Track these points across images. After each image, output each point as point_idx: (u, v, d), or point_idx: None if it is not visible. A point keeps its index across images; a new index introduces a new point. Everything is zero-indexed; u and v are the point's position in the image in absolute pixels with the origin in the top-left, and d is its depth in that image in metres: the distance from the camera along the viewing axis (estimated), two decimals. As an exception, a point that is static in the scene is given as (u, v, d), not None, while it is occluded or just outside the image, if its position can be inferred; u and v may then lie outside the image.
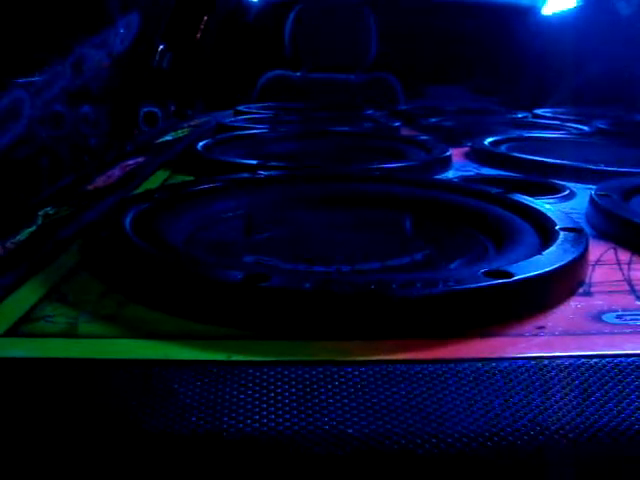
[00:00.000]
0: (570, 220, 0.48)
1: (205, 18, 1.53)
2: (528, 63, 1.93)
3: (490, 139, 0.89)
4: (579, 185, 0.69)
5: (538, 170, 0.73)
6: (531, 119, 1.37)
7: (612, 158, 0.87)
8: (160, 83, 1.20)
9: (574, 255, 0.39)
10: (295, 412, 0.27)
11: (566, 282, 0.38)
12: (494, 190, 0.55)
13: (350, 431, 0.26)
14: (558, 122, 1.26)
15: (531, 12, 1.94)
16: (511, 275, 0.35)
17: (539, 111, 1.48)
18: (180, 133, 1.25)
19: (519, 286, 0.34)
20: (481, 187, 0.57)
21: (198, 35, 1.38)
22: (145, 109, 1.42)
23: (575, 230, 0.45)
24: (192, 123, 1.41)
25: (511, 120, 1.30)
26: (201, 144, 0.84)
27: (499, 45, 1.93)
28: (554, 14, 1.89)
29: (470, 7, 1.94)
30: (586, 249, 0.42)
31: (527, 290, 0.35)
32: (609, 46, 1.67)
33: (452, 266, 0.44)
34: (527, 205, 0.51)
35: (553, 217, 0.48)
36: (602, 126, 1.20)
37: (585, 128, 1.16)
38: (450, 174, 0.75)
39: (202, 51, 1.49)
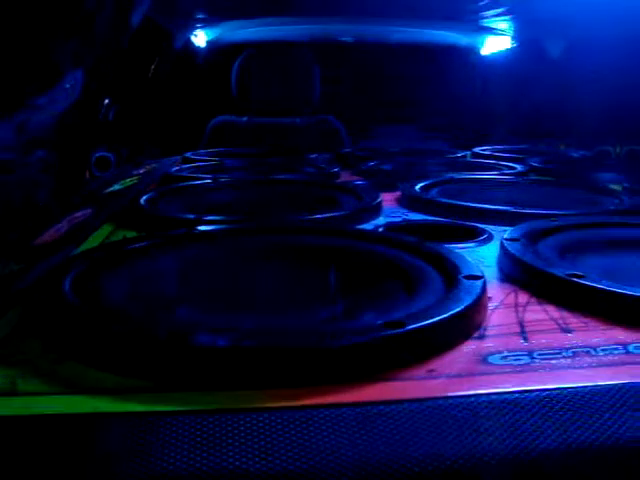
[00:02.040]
0: (474, 267, 0.52)
1: (153, 66, 1.57)
2: (470, 101, 2.00)
3: (421, 183, 0.93)
4: (500, 228, 0.73)
5: (462, 214, 0.78)
6: (469, 159, 1.43)
7: (539, 198, 0.93)
8: (107, 134, 1.23)
9: (466, 303, 0.43)
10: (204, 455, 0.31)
11: (459, 328, 0.42)
12: (410, 239, 0.60)
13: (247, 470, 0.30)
14: (494, 161, 1.32)
15: (471, 53, 2.02)
16: (404, 325, 0.39)
17: (478, 149, 1.54)
18: (129, 182, 1.28)
19: (410, 335, 0.39)
20: (399, 236, 0.62)
21: (145, 82, 1.42)
22: (97, 154, 1.45)
23: (475, 277, 0.49)
24: (141, 171, 1.44)
25: (449, 161, 1.35)
26: (144, 198, 0.88)
27: (443, 85, 2.01)
28: (492, 54, 1.97)
29: (413, 49, 2.01)
30: (481, 296, 0.46)
31: (418, 339, 0.39)
32: (540, 84, 1.75)
33: (365, 316, 0.47)
34: (438, 254, 0.55)
35: (460, 265, 0.52)
36: (535, 164, 1.26)
37: (518, 167, 1.22)
38: (380, 220, 0.79)
39: (150, 98, 1.53)
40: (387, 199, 0.92)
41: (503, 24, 1.81)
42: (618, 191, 0.97)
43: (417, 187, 0.91)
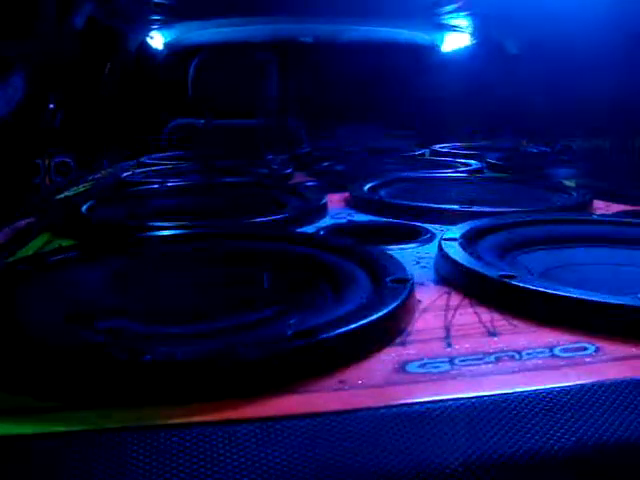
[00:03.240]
0: (403, 270, 0.50)
1: (107, 69, 1.54)
2: (432, 98, 1.99)
3: (371, 183, 0.92)
4: (444, 228, 0.72)
5: (407, 214, 0.77)
6: (427, 157, 1.42)
7: (488, 196, 0.91)
8: (53, 139, 1.21)
9: (386, 309, 0.41)
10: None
11: (377, 335, 0.40)
12: (344, 242, 0.58)
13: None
14: (450, 159, 1.31)
15: (431, 50, 2.01)
16: (314, 334, 0.37)
17: (437, 147, 1.53)
18: (82, 188, 1.26)
19: (321, 345, 0.37)
20: (332, 240, 0.60)
21: (97, 85, 1.39)
22: (57, 159, 1.42)
23: (402, 281, 0.47)
24: (97, 176, 1.41)
25: (406, 159, 1.34)
26: (86, 205, 0.85)
27: (404, 83, 1.99)
28: (452, 51, 1.97)
29: (374, 47, 2.00)
30: (405, 301, 0.44)
31: (329, 348, 0.37)
32: (500, 81, 1.75)
33: (283, 324, 0.45)
34: (369, 257, 0.53)
35: (390, 268, 0.51)
36: (492, 161, 1.25)
37: (474, 164, 1.21)
38: (325, 222, 0.78)
39: (104, 101, 1.50)
40: (335, 200, 0.90)
41: (462, 21, 1.81)
42: (570, 187, 0.96)
43: (365, 187, 0.89)
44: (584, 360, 0.39)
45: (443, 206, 0.77)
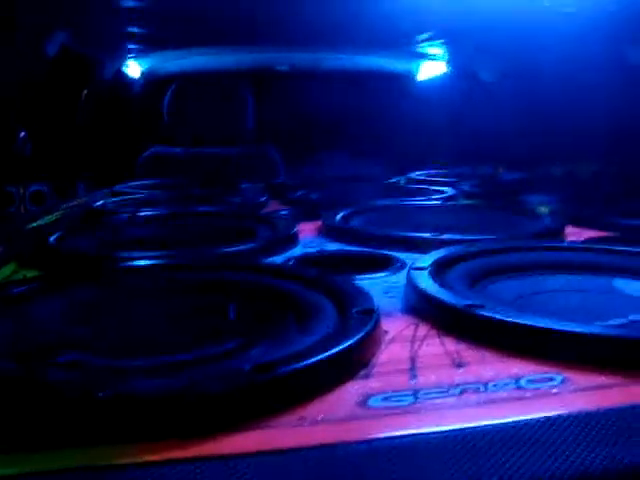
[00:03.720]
0: (369, 300, 0.49)
1: (83, 96, 1.54)
2: (409, 126, 2.00)
3: (343, 212, 0.91)
4: (415, 256, 0.71)
5: (377, 243, 0.76)
6: (402, 184, 1.42)
7: (460, 223, 0.91)
8: (25, 168, 1.19)
9: (350, 341, 0.41)
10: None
11: (339, 369, 0.39)
12: (311, 273, 0.57)
13: None
14: (425, 186, 1.31)
15: (407, 78, 2.03)
16: (272, 369, 0.36)
17: (413, 174, 1.53)
18: (54, 217, 1.24)
19: (280, 380, 0.36)
20: (299, 270, 0.59)
21: (70, 113, 1.38)
22: (32, 188, 1.40)
23: (367, 312, 0.47)
24: (70, 205, 1.40)
25: (381, 187, 1.34)
26: (55, 235, 0.84)
27: (381, 110, 2.00)
28: (428, 79, 1.98)
29: (352, 75, 2.01)
30: (369, 333, 0.43)
31: (288, 383, 0.36)
32: (476, 109, 1.76)
33: (252, 353, 0.44)
34: (335, 287, 0.52)
35: (356, 298, 0.50)
36: (466, 188, 1.25)
37: (448, 191, 1.21)
38: (296, 251, 0.77)
39: (79, 130, 1.49)
40: (308, 229, 0.89)
41: (437, 50, 1.83)
42: (543, 213, 0.96)
43: (338, 216, 0.88)
44: (550, 391, 0.39)
45: (414, 234, 0.76)
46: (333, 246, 0.80)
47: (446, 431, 0.34)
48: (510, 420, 0.35)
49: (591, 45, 1.45)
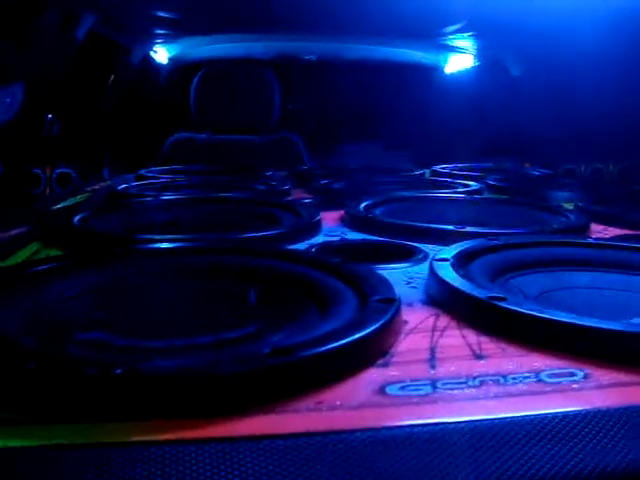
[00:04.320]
0: (390, 289, 0.49)
1: (110, 80, 1.54)
2: (435, 119, 1.99)
3: (367, 202, 0.91)
4: (438, 248, 0.70)
5: (401, 233, 0.75)
6: (427, 177, 1.41)
7: (485, 217, 0.90)
8: (52, 150, 1.20)
9: (369, 329, 0.40)
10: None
11: (357, 356, 0.39)
12: (333, 261, 0.57)
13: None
14: (450, 179, 1.30)
15: (435, 71, 2.01)
16: (291, 353, 0.36)
17: (438, 167, 1.52)
18: (79, 199, 1.25)
19: (298, 364, 0.36)
20: (321, 258, 0.59)
21: (97, 98, 1.39)
22: (59, 170, 1.41)
23: (388, 301, 0.46)
24: (95, 187, 1.41)
25: (405, 179, 1.33)
26: (78, 216, 0.84)
27: (408, 103, 1.99)
28: (456, 72, 1.97)
29: (378, 66, 2.00)
30: (389, 321, 0.43)
31: (306, 368, 0.36)
32: (503, 103, 1.75)
33: (273, 339, 0.44)
34: (357, 276, 0.52)
35: (377, 287, 0.50)
36: (492, 182, 1.24)
37: (473, 185, 1.20)
38: (318, 239, 0.77)
39: (106, 114, 1.50)
40: (331, 217, 0.89)
41: (465, 42, 1.81)
42: (568, 210, 0.95)
43: (361, 206, 0.88)
44: (571, 386, 0.38)
45: (438, 226, 0.76)
46: (355, 235, 0.79)
47: (463, 422, 0.34)
48: (529, 414, 0.34)
49: (623, 41, 1.43)
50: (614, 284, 0.64)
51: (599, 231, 0.87)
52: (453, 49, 1.91)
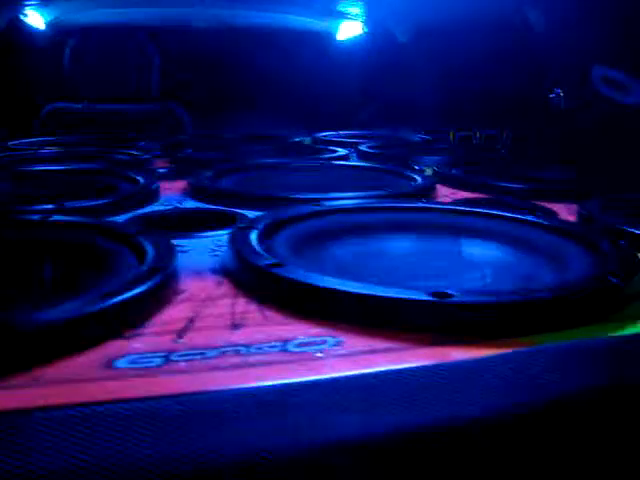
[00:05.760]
0: (168, 258, 0.48)
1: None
2: (327, 87, 1.97)
3: (213, 170, 0.89)
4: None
5: (230, 200, 0.74)
6: (305, 144, 1.39)
7: (335, 183, 0.89)
8: None
9: (113, 300, 0.39)
10: None
11: (93, 329, 0.37)
12: (128, 229, 0.55)
13: None
14: (323, 146, 1.29)
15: (326, 38, 1.99)
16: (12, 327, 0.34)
17: (320, 135, 1.51)
18: None
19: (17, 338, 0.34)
20: (118, 228, 0.57)
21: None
22: None
23: (157, 269, 0.45)
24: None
25: (280, 146, 1.31)
26: None
27: (300, 71, 1.97)
28: (346, 40, 1.95)
29: (270, 33, 1.96)
30: (147, 291, 0.41)
31: (27, 342, 0.34)
32: (393, 70, 1.74)
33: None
34: (142, 245, 0.50)
35: (159, 257, 0.48)
36: (363, 149, 1.23)
37: (341, 151, 1.19)
38: (150, 209, 0.74)
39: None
40: (178, 187, 0.87)
41: (354, 9, 1.79)
42: (423, 174, 0.95)
43: (207, 174, 0.86)
44: (313, 355, 0.37)
45: (265, 192, 0.74)
46: (192, 204, 0.77)
47: (162, 397, 0.32)
48: (243, 387, 0.33)
49: (500, 7, 1.44)
50: (431, 249, 0.63)
51: (447, 195, 0.87)
52: (342, 15, 1.90)
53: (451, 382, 0.34)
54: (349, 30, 1.96)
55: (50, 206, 0.68)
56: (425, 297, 0.40)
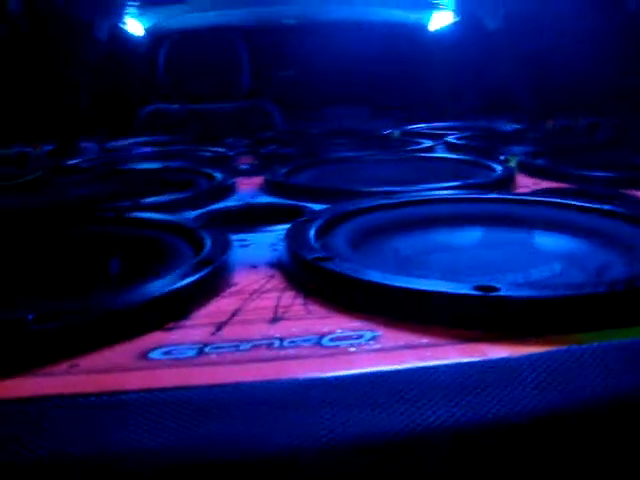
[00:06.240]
0: (220, 252, 0.48)
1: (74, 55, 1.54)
2: (422, 78, 1.95)
3: (289, 166, 0.89)
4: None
5: (301, 195, 0.74)
6: (394, 137, 1.38)
7: (413, 176, 0.88)
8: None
9: (150, 294, 0.39)
10: None
11: (132, 320, 0.38)
12: (189, 224, 0.56)
13: None
14: (408, 138, 1.27)
15: (419, 29, 1.97)
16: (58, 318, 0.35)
17: (410, 127, 1.49)
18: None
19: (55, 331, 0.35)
20: (179, 223, 0.58)
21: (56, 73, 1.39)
22: (16, 149, 1.42)
23: (206, 263, 0.45)
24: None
25: (364, 141, 1.31)
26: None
27: (394, 63, 1.96)
28: (439, 30, 1.92)
29: (362, 27, 1.96)
30: (192, 285, 0.42)
31: (67, 334, 0.35)
32: (483, 60, 1.70)
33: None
34: (200, 237, 0.51)
35: (208, 249, 0.49)
36: (450, 140, 1.21)
37: (427, 143, 1.17)
38: (222, 204, 0.76)
39: (72, 91, 1.50)
40: (256, 183, 0.88)
41: (444, -3, 1.77)
42: (507, 165, 0.92)
43: (283, 170, 0.87)
44: (346, 350, 0.37)
45: (335, 186, 0.74)
46: (265, 199, 0.78)
47: (195, 388, 0.33)
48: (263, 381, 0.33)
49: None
50: (504, 240, 0.61)
51: (528, 185, 0.84)
52: (435, 6, 1.87)
53: (484, 380, 0.32)
54: (440, 20, 1.93)
55: (127, 203, 0.70)
56: (468, 291, 0.39)
